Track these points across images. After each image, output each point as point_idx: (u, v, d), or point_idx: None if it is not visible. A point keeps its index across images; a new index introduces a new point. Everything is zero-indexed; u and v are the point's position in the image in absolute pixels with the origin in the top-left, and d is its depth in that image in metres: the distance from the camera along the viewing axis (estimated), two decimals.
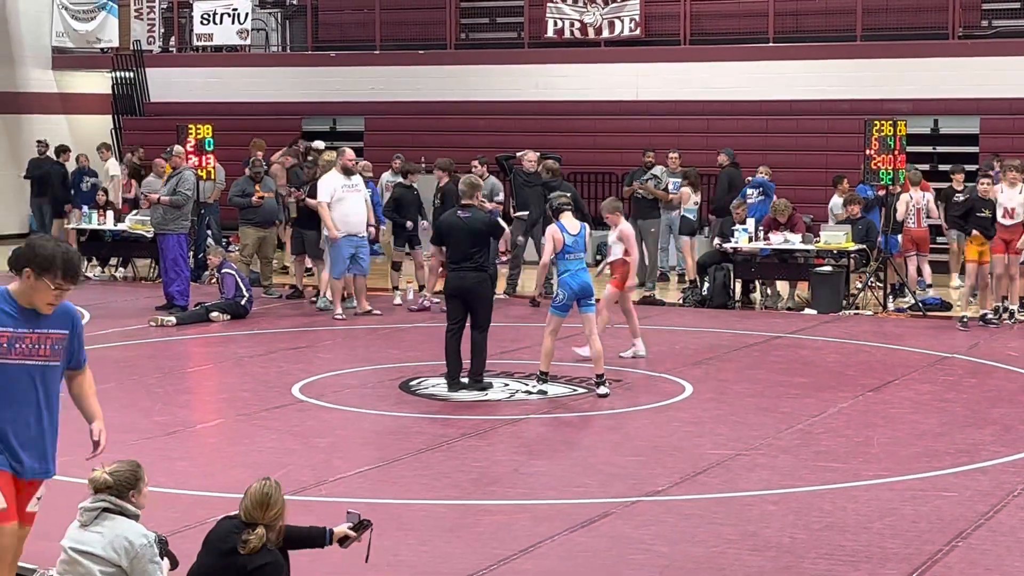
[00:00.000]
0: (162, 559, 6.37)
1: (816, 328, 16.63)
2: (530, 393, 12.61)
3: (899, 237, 18.89)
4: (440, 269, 13.70)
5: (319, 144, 23.07)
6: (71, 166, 25.41)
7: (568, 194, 13.70)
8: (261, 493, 6.36)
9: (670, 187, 20.73)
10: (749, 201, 19.49)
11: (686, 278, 20.16)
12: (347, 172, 17.22)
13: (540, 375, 12.66)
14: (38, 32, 29.53)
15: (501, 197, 19.09)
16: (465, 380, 12.75)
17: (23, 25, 29.31)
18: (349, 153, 17.57)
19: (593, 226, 17.31)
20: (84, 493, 6.50)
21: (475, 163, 19.11)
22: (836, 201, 19.37)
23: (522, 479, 9.68)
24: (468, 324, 12.70)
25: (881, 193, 18.84)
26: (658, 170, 20.27)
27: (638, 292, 19.44)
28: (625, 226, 14.12)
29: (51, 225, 24.92)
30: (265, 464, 10.05)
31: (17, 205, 26.52)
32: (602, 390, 12.44)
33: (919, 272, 19.18)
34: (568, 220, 12.51)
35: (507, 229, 13.86)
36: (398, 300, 18.48)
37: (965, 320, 16.51)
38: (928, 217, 19.28)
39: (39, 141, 25.70)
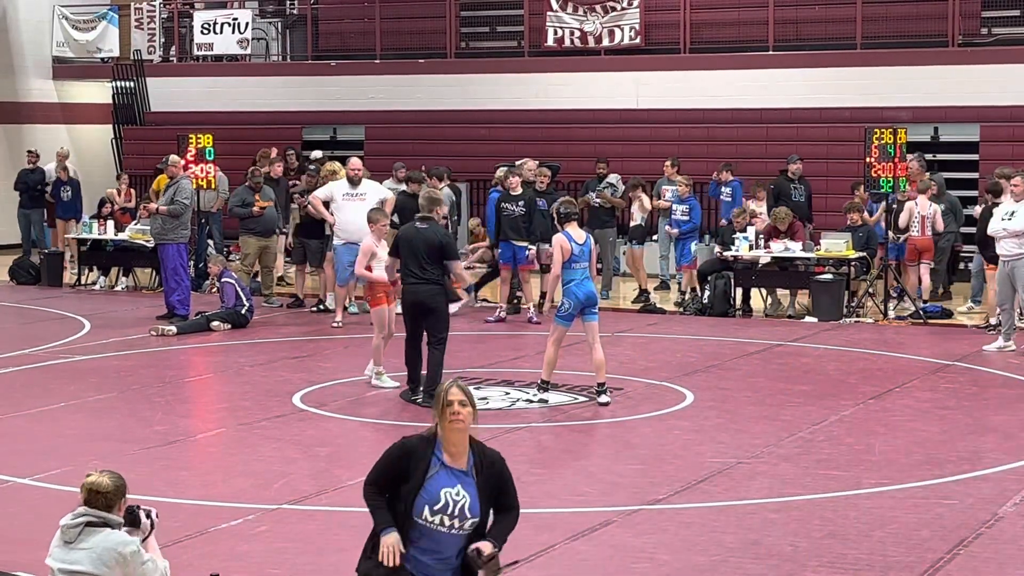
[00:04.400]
0: (139, 526, 6.27)
1: (817, 336, 16.62)
2: (531, 402, 12.61)
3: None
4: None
5: (317, 154, 23.11)
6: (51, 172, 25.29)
7: (576, 202, 13.67)
8: None
9: (667, 195, 20.75)
10: (675, 216, 19.46)
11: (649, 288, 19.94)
12: (351, 182, 17.25)
13: (541, 384, 12.64)
14: (39, 42, 29.57)
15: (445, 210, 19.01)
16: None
17: (24, 35, 29.35)
18: (354, 163, 17.55)
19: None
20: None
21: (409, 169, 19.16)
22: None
23: (523, 488, 9.58)
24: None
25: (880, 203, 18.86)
26: (613, 178, 20.26)
27: (612, 301, 19.50)
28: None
29: (40, 235, 24.87)
30: (266, 473, 10.06)
31: (17, 216, 26.48)
32: (603, 399, 12.43)
33: (920, 281, 19.12)
34: (574, 229, 12.46)
35: (459, 261, 13.52)
36: (399, 309, 18.46)
37: (990, 322, 16.56)
38: (934, 227, 19.15)
39: (29, 151, 25.64)
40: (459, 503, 5.97)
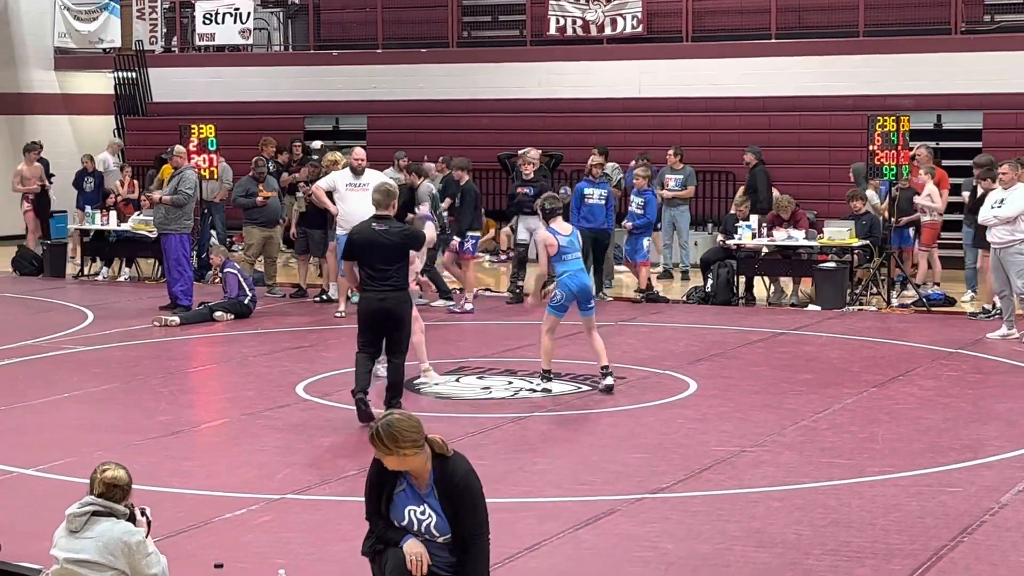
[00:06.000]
0: (135, 523, 6.30)
1: (820, 324, 16.62)
2: (534, 391, 12.61)
3: (911, 231, 18.80)
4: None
5: (317, 144, 23.07)
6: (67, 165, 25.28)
7: (560, 197, 13.66)
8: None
9: (672, 184, 20.71)
10: (631, 209, 18.92)
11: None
12: (355, 171, 17.20)
13: (543, 373, 12.66)
14: (40, 33, 29.55)
15: (426, 208, 18.94)
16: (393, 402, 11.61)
17: (25, 26, 29.33)
18: (357, 152, 17.51)
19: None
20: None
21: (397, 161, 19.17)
22: (871, 195, 19.19)
23: (526, 477, 9.67)
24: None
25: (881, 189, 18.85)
26: (609, 167, 20.18)
27: (615, 291, 19.48)
28: None
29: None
30: (269, 463, 10.07)
31: (19, 206, 26.45)
32: (608, 380, 12.41)
33: (929, 265, 19.06)
34: (559, 223, 12.48)
35: (430, 234, 13.03)
36: None
37: (987, 310, 16.59)
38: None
39: (34, 143, 25.61)
40: (424, 522, 6.03)
